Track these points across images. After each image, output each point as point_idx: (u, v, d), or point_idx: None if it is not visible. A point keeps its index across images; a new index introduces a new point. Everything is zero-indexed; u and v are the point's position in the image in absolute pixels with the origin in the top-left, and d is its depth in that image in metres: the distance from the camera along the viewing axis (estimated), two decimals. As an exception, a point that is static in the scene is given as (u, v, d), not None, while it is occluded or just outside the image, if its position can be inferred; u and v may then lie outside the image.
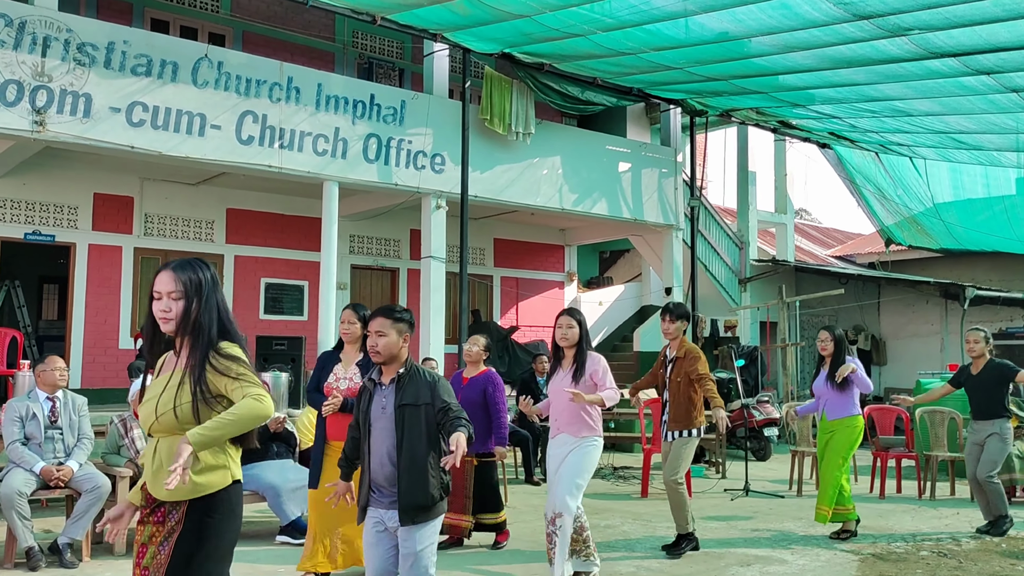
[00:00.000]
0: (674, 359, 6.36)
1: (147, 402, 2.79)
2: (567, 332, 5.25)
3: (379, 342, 3.66)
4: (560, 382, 5.25)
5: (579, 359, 5.22)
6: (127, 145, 9.25)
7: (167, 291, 2.79)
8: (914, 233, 16.83)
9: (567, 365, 5.28)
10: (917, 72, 10.17)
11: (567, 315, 5.33)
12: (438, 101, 11.75)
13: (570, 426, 5.20)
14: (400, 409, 3.58)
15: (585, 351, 5.24)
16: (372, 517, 3.66)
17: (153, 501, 2.75)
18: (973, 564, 6.01)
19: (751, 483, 9.17)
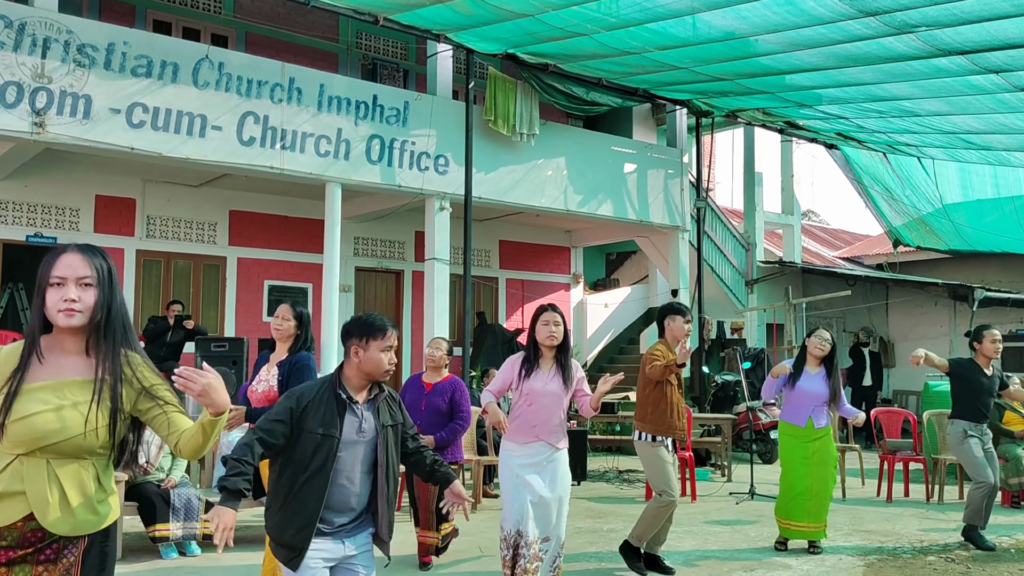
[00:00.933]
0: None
1: (32, 417, 2.19)
2: (555, 330, 4.77)
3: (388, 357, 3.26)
4: (545, 384, 4.77)
5: (563, 361, 4.82)
6: (127, 146, 9.20)
7: (76, 276, 2.28)
8: (922, 234, 16.67)
9: (547, 366, 4.81)
10: (925, 71, 10.06)
11: (552, 311, 4.84)
12: (442, 102, 11.68)
13: (552, 434, 4.78)
14: (384, 430, 3.22)
15: (567, 353, 4.85)
16: (319, 554, 3.10)
17: (41, 537, 2.22)
18: (981, 569, 5.90)
19: (756, 486, 9.06)
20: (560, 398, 4.78)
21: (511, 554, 4.64)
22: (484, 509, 8.17)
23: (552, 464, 4.76)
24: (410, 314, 14.42)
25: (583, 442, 10.02)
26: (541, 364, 4.80)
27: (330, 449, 3.08)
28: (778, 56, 10.19)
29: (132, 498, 6.02)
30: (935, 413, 9.44)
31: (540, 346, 4.80)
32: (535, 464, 4.73)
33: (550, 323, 4.79)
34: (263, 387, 4.73)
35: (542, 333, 4.79)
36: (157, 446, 6.27)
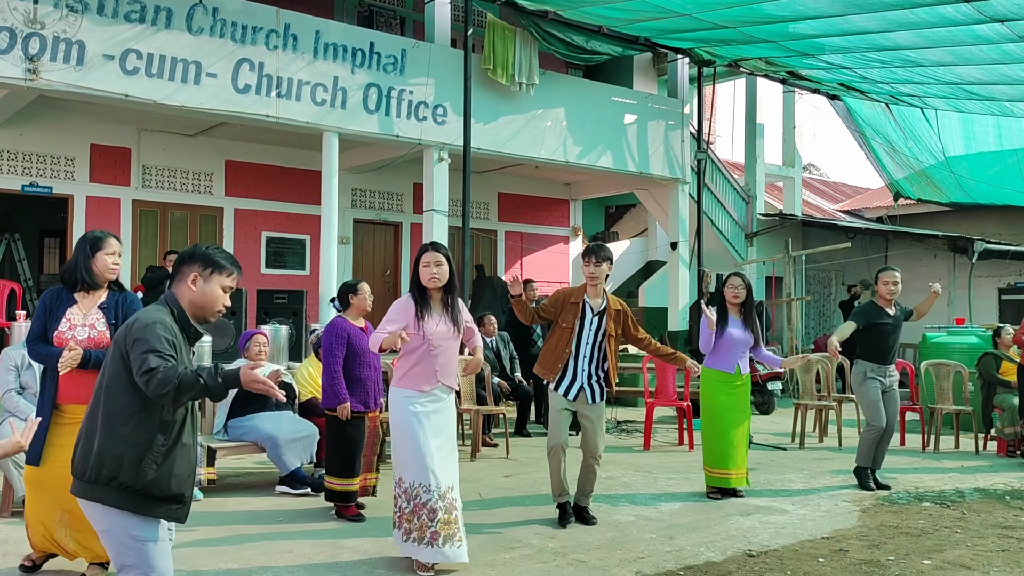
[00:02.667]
0: (604, 311, 5.60)
1: None
2: (437, 272, 4.54)
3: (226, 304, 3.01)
4: (439, 326, 4.57)
5: (451, 302, 4.64)
6: (121, 93, 9.09)
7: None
8: (924, 187, 16.60)
9: (438, 309, 4.61)
10: (929, 19, 9.89)
11: (433, 250, 4.59)
12: (439, 50, 11.51)
13: (452, 377, 4.66)
14: None
15: (456, 292, 4.69)
16: None
17: None
18: (976, 515, 5.96)
19: (754, 436, 9.11)
20: (457, 340, 4.67)
21: (411, 507, 4.45)
22: (483, 458, 8.24)
23: (450, 407, 4.67)
24: (408, 266, 14.38)
25: (581, 392, 10.05)
26: (432, 307, 4.61)
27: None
28: (782, 2, 10.02)
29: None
30: (932, 363, 9.48)
31: (426, 288, 4.60)
32: (438, 409, 4.57)
33: (431, 264, 4.55)
34: (85, 333, 4.20)
35: (424, 275, 4.57)
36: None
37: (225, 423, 6.59)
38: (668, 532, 5.41)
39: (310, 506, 6.02)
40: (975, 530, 5.53)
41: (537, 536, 5.27)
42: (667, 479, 7.17)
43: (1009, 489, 6.95)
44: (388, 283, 14.39)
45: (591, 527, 5.51)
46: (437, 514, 4.42)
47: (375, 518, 5.68)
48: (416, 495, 4.44)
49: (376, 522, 5.57)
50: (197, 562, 4.62)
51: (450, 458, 4.59)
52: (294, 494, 6.36)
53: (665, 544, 5.13)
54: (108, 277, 4.32)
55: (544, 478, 7.09)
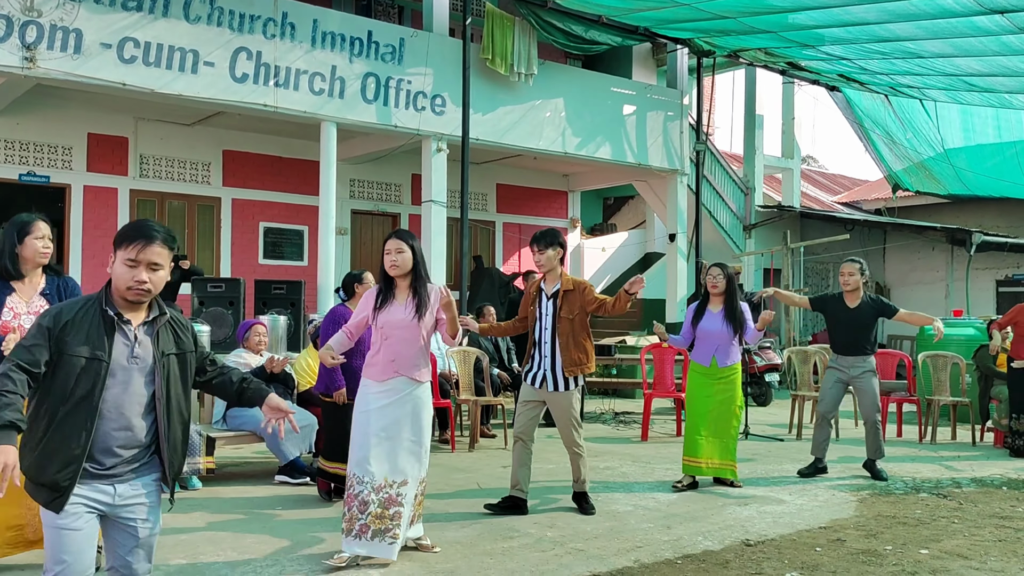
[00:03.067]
0: (556, 293, 5.55)
1: None
2: (397, 258, 4.47)
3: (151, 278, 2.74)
4: (398, 315, 4.49)
5: (417, 291, 4.52)
6: (119, 82, 9.05)
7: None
8: (922, 179, 16.59)
9: (402, 297, 4.52)
10: (929, 10, 9.87)
11: (396, 238, 4.53)
12: (438, 39, 11.47)
13: (412, 368, 4.50)
14: (166, 359, 2.78)
15: (422, 280, 4.54)
16: (84, 497, 2.69)
17: None
18: (973, 505, 5.98)
19: (751, 427, 9.15)
20: (416, 329, 4.50)
21: (346, 497, 4.42)
22: (481, 448, 8.25)
23: (412, 400, 4.50)
24: (407, 257, 14.35)
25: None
26: (396, 295, 4.54)
27: (97, 374, 2.65)
28: (782, -7, 10.00)
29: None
30: (930, 355, 9.49)
31: (391, 278, 4.57)
32: (393, 402, 4.46)
33: (392, 251, 4.50)
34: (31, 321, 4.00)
35: (385, 263, 4.53)
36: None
37: (224, 412, 6.59)
38: (666, 522, 5.42)
39: (309, 495, 6.02)
40: (972, 520, 5.55)
41: (535, 526, 5.28)
42: (665, 469, 7.18)
43: (1006, 480, 6.96)
44: (386, 274, 14.36)
45: (589, 517, 5.52)
46: (368, 507, 4.33)
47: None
48: (351, 485, 4.40)
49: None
50: (196, 551, 4.63)
51: (399, 453, 4.43)
52: (293, 483, 6.36)
53: (663, 533, 5.14)
54: (40, 262, 4.18)
55: (543, 468, 7.12)
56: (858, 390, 6.96)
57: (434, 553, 4.63)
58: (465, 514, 5.58)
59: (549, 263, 5.54)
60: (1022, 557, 4.71)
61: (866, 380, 6.90)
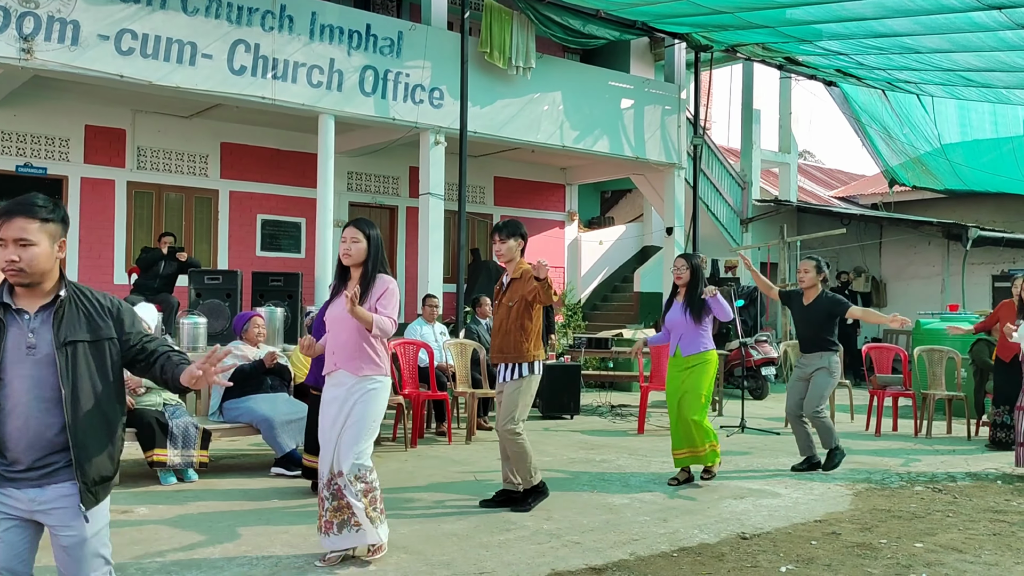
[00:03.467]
0: (511, 282, 5.56)
1: None
2: (351, 247, 4.34)
3: (22, 255, 2.45)
4: (339, 306, 4.35)
5: (367, 282, 4.34)
6: (116, 74, 9.04)
7: None
8: (919, 174, 16.62)
9: (351, 287, 4.31)
10: (926, 6, 9.88)
11: (353, 227, 4.39)
12: (436, 33, 11.46)
13: (351, 361, 4.31)
14: (68, 347, 2.50)
15: (375, 272, 4.36)
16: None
17: None
18: (968, 500, 6.02)
19: (747, 420, 9.18)
20: (351, 320, 4.25)
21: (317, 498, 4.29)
22: (478, 440, 8.27)
23: (355, 394, 4.29)
24: (404, 250, 14.39)
25: (576, 377, 10.12)
26: (348, 285, 4.35)
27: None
28: (780, -13, 10.01)
29: (130, 424, 6.04)
30: (925, 349, 9.53)
31: (345, 267, 4.44)
32: (335, 396, 4.31)
33: (347, 239, 4.37)
34: None
35: (340, 251, 4.40)
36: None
37: (220, 405, 6.60)
38: (662, 515, 5.45)
39: (305, 487, 6.04)
40: (967, 514, 5.58)
41: (532, 518, 5.31)
42: (661, 462, 7.21)
43: (1000, 474, 7.00)
44: (383, 267, 14.37)
45: (586, 509, 5.54)
46: (325, 503, 4.30)
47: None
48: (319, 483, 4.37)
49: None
50: (192, 543, 4.64)
51: (341, 443, 4.27)
52: (289, 476, 6.37)
53: (659, 526, 5.16)
54: None
55: (540, 461, 7.12)
56: (810, 385, 6.90)
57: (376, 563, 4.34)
58: (462, 506, 5.60)
59: (509, 253, 5.51)
60: (1016, 551, 4.74)
61: (819, 376, 6.84)
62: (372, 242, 4.38)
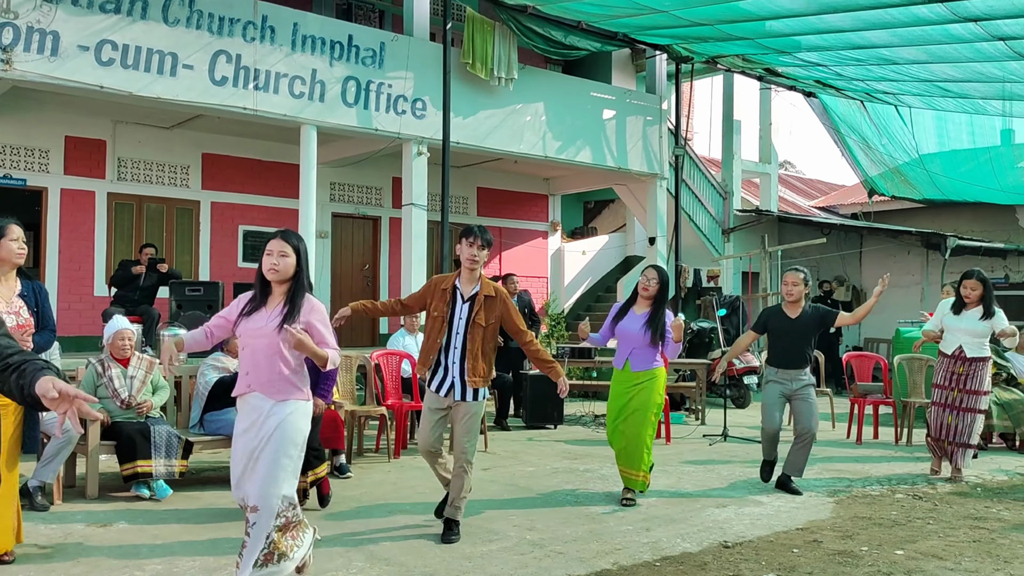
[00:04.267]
0: (475, 296, 5.13)
1: None
2: (278, 262, 3.93)
3: None
4: (258, 323, 3.95)
5: (293, 298, 3.96)
6: (96, 84, 8.99)
7: None
8: (898, 184, 16.79)
9: (273, 304, 3.98)
10: (903, 19, 10.01)
11: (282, 240, 3.98)
12: (419, 44, 11.48)
13: (268, 384, 3.92)
14: None
15: (302, 289, 4.01)
16: None
17: None
18: (948, 507, 6.06)
19: (729, 429, 9.22)
20: (274, 339, 3.91)
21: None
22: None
23: (270, 419, 3.90)
24: (387, 261, 14.36)
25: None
26: (268, 302, 4.00)
27: None
28: (758, 1, 10.09)
29: (110, 437, 5.99)
30: (906, 358, 9.60)
31: (267, 282, 4.03)
32: (251, 421, 3.91)
33: (274, 253, 3.97)
34: (12, 321, 4.32)
35: (264, 264, 3.99)
36: (140, 381, 6.25)
37: (201, 416, 6.55)
38: (645, 524, 5.46)
39: (288, 500, 6.00)
40: (947, 521, 5.62)
41: (515, 528, 5.30)
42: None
43: (980, 481, 7.06)
44: (367, 277, 14.36)
45: (565, 519, 5.54)
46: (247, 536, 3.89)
47: (356, 509, 5.68)
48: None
49: (352, 513, 5.57)
50: (172, 555, 4.61)
51: (258, 476, 3.86)
52: (272, 488, 6.33)
53: (642, 536, 5.17)
54: (16, 263, 4.52)
55: (523, 471, 7.15)
56: (799, 402, 6.55)
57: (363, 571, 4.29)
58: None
59: (482, 261, 5.14)
60: (996, 558, 4.78)
61: (808, 393, 6.57)
62: (301, 257, 4.01)
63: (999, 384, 8.85)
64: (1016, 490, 6.71)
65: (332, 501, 5.86)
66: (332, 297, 13.66)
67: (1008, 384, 8.92)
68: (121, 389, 6.16)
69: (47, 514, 5.47)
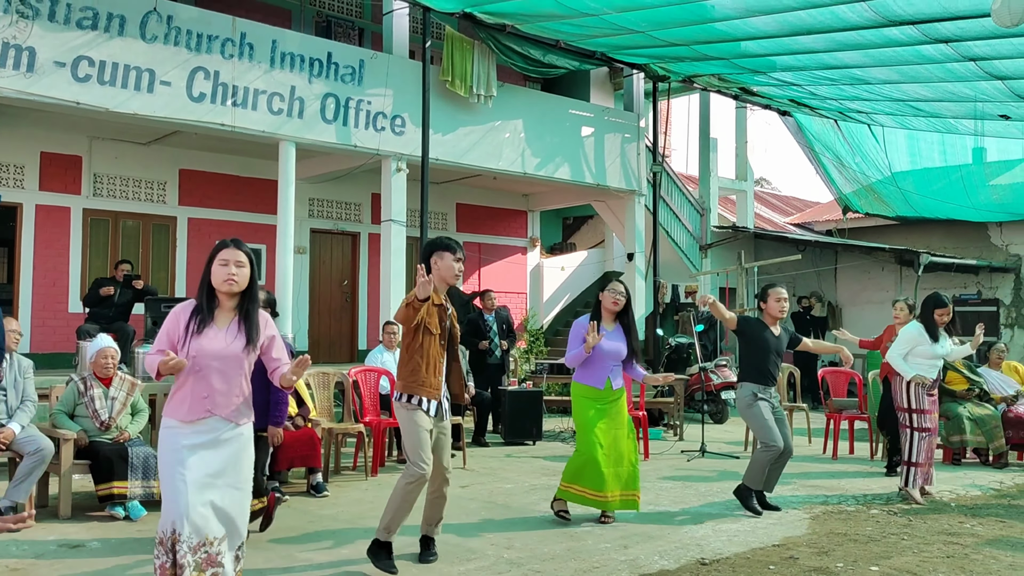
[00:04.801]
0: (450, 311, 4.94)
1: None
2: (237, 272, 3.63)
3: None
4: (218, 343, 3.62)
5: (245, 313, 3.69)
6: (73, 101, 8.95)
7: None
8: (871, 201, 17.01)
9: (224, 320, 3.67)
10: (875, 40, 10.17)
11: (236, 248, 3.67)
12: (398, 61, 11.53)
13: (229, 407, 3.64)
14: None
15: (256, 302, 3.74)
16: None
17: None
18: (922, 522, 6.12)
19: (707, 445, 9.26)
20: (242, 362, 3.67)
21: (170, 560, 3.49)
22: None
23: (230, 443, 3.65)
24: (366, 277, 14.34)
25: (539, 403, 10.14)
26: (217, 317, 3.67)
27: None
28: (733, 23, 10.23)
29: (86, 457, 5.93)
30: (880, 373, 9.68)
31: (217, 292, 3.68)
32: (206, 444, 3.59)
33: (230, 263, 3.64)
34: None
35: (219, 275, 3.63)
36: (120, 403, 6.20)
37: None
38: (623, 541, 5.47)
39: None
40: (921, 537, 5.68)
41: (493, 547, 5.30)
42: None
43: (954, 496, 7.14)
44: (346, 293, 14.32)
45: (546, 537, 5.54)
46: (184, 571, 3.46)
47: (325, 531, 5.65)
48: (171, 545, 3.49)
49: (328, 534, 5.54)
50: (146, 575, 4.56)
51: (225, 504, 3.59)
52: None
53: (620, 553, 5.18)
54: None
55: (501, 488, 7.14)
56: (780, 421, 6.48)
57: None
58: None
59: (461, 275, 4.89)
60: (969, 573, 4.83)
61: (782, 410, 6.58)
62: (254, 268, 3.73)
63: (972, 400, 8.96)
64: (989, 505, 6.79)
65: (308, 519, 5.83)
66: (310, 313, 13.62)
67: (981, 399, 9.03)
68: (101, 410, 6.10)
69: (18, 535, 5.39)
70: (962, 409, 8.81)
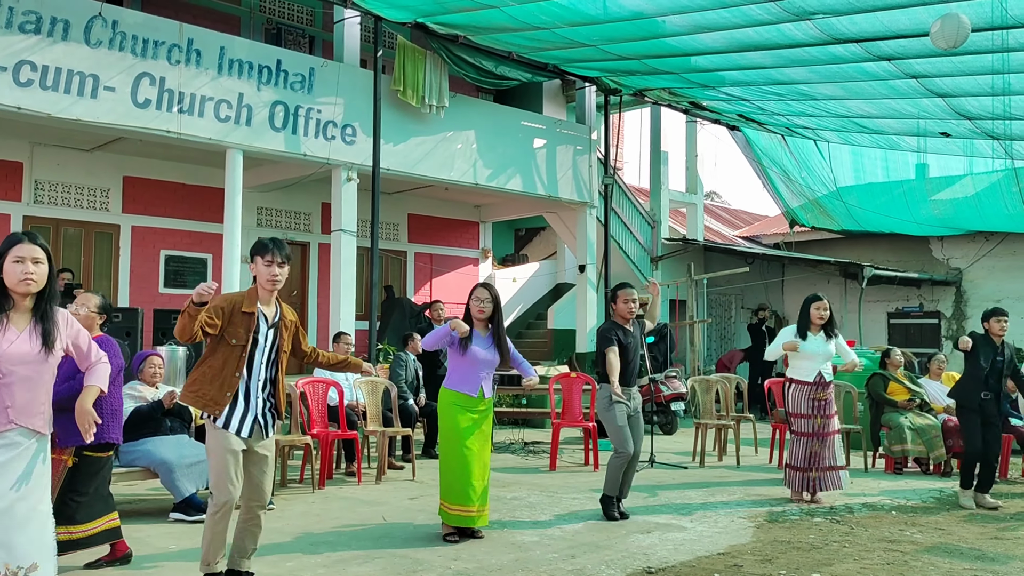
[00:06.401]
0: (279, 321, 4.51)
1: None
2: (35, 270, 3.36)
3: None
4: (21, 348, 3.34)
5: (46, 313, 3.42)
6: (13, 106, 8.73)
7: None
8: (817, 215, 17.35)
9: (21, 323, 3.38)
10: (821, 57, 10.42)
11: (31, 243, 3.39)
12: (349, 70, 11.46)
13: (35, 416, 3.36)
14: None
15: (55, 300, 3.47)
16: None
17: None
18: (864, 530, 6.22)
19: (656, 455, 9.32)
20: (43, 367, 3.39)
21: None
22: (388, 480, 8.16)
23: (36, 458, 3.36)
24: (316, 287, 14.19)
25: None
26: (13, 319, 3.38)
27: None
28: (683, 38, 10.39)
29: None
30: (825, 384, 9.84)
31: (11, 293, 3.38)
32: (10, 460, 3.28)
33: (26, 259, 3.37)
34: None
35: (14, 274, 3.36)
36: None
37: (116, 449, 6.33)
38: (570, 551, 5.46)
39: (207, 533, 5.83)
40: (862, 544, 5.77)
41: (440, 558, 5.25)
42: (572, 499, 7.25)
43: (895, 504, 7.28)
44: (295, 304, 14.15)
45: (495, 548, 5.51)
46: None
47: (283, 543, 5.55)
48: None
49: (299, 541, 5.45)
50: (83, 594, 4.43)
51: (27, 529, 3.28)
52: (188, 521, 6.15)
53: (567, 563, 5.17)
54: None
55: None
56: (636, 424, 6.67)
57: None
58: (369, 549, 5.50)
59: (283, 279, 4.47)
60: (906, 578, 4.92)
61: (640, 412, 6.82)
62: (52, 264, 3.44)
63: (913, 410, 9.16)
64: (929, 513, 6.94)
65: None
66: (258, 324, 13.40)
67: (921, 409, 9.23)
68: None
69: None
70: (903, 419, 8.99)
